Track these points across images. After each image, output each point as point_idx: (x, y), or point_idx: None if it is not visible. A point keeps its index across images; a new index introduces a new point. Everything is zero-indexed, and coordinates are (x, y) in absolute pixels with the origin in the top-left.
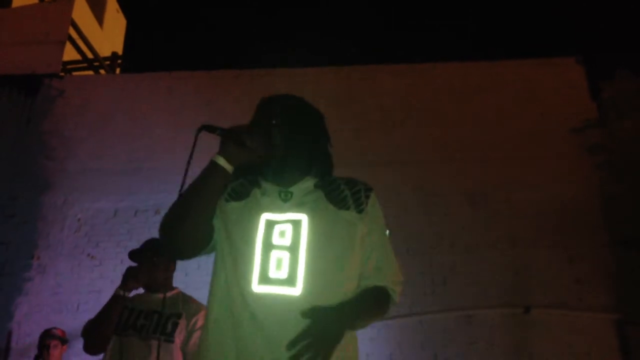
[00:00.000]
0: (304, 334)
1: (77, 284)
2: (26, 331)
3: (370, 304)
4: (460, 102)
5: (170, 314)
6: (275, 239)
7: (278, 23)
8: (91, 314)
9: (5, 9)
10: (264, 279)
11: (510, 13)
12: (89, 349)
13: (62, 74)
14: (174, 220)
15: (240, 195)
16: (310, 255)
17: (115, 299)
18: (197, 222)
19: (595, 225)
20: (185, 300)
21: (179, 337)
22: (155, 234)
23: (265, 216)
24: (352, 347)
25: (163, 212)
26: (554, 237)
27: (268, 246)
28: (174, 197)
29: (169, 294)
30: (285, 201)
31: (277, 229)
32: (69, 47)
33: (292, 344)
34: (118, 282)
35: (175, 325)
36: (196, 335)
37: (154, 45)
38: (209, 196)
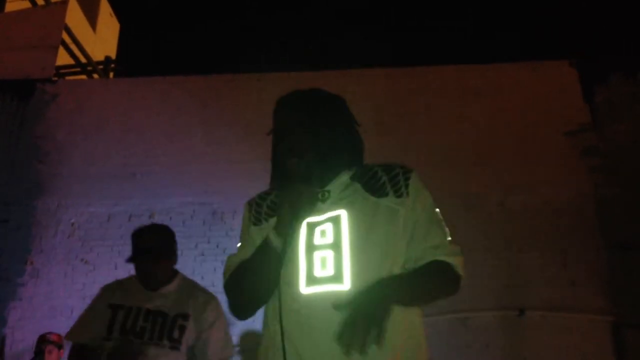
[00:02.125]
0: (346, 322)
1: (71, 289)
2: (20, 336)
3: (419, 274)
4: (455, 106)
5: (176, 314)
6: (317, 240)
7: (272, 27)
8: None
9: None
10: (311, 279)
11: (504, 17)
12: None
13: (55, 78)
14: (238, 287)
15: (276, 209)
16: (354, 249)
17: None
18: (260, 293)
19: (590, 228)
20: (190, 292)
21: (186, 343)
22: None
23: (306, 220)
24: (417, 324)
25: (157, 216)
26: (548, 239)
27: (310, 248)
28: (167, 201)
29: (171, 288)
30: (324, 201)
31: (317, 230)
32: (62, 51)
33: (338, 337)
34: None
35: (183, 329)
36: (207, 335)
37: (147, 50)
38: (267, 271)
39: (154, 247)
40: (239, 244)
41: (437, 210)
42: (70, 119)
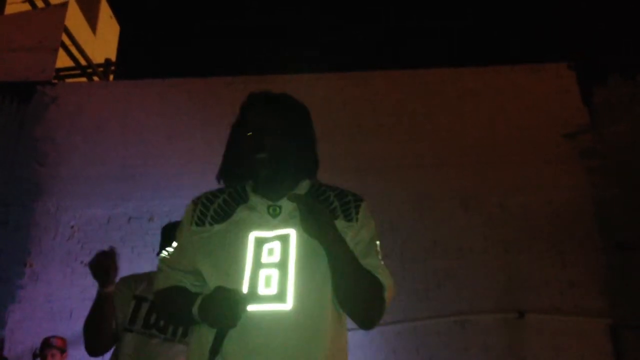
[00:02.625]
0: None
1: (70, 291)
2: (19, 339)
3: (361, 266)
4: (453, 108)
5: None
6: (265, 258)
7: (271, 30)
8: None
9: None
10: (254, 297)
11: (502, 19)
12: (89, 348)
13: (55, 80)
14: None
15: (223, 215)
16: (299, 270)
17: (100, 298)
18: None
19: (589, 230)
20: None
21: None
22: (149, 240)
23: (254, 234)
24: (343, 340)
25: (156, 219)
26: (547, 241)
27: (257, 266)
28: (167, 203)
29: None
30: (275, 217)
31: (265, 247)
32: (62, 54)
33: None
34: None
35: None
36: None
37: (147, 52)
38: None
39: None
40: (174, 244)
41: (378, 242)
42: (70, 121)
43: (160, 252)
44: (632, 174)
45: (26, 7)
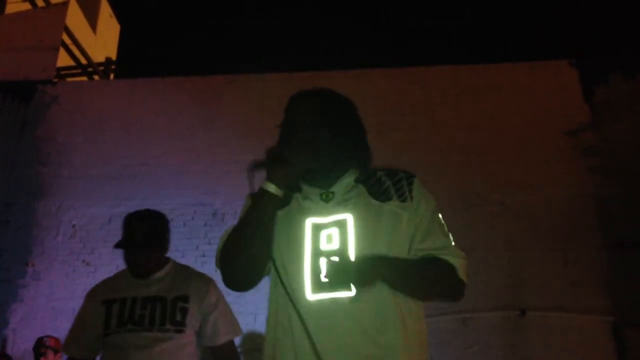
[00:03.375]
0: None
1: (72, 290)
2: (21, 338)
3: (420, 262)
4: (454, 106)
5: (175, 297)
6: (323, 245)
7: (272, 27)
8: None
9: None
10: (317, 285)
11: (503, 16)
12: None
13: (55, 80)
14: (231, 253)
15: (282, 202)
16: (359, 255)
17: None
18: (254, 254)
19: (590, 228)
20: (187, 275)
21: (191, 326)
22: None
23: (310, 220)
24: (417, 324)
25: None
26: (549, 239)
27: (317, 253)
28: (168, 202)
29: (163, 273)
30: (328, 202)
31: (323, 234)
32: (62, 53)
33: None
34: None
35: (185, 311)
36: (215, 317)
37: (147, 51)
38: (263, 226)
39: (144, 235)
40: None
41: (440, 215)
42: (71, 121)
43: (120, 244)
44: (634, 172)
45: (27, 6)
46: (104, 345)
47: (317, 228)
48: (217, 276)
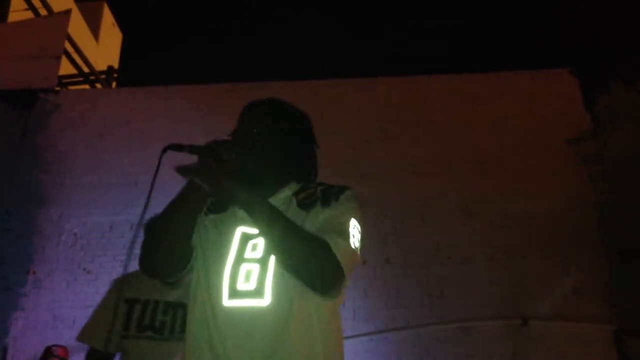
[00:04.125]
0: None
1: (73, 298)
2: (22, 347)
3: (294, 225)
4: (455, 114)
5: None
6: (247, 253)
7: (272, 35)
8: None
9: (1, 24)
10: (233, 292)
11: (504, 25)
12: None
13: (58, 88)
14: (151, 240)
15: (219, 208)
16: (278, 265)
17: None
18: (175, 242)
19: (592, 236)
20: None
21: None
22: None
23: (241, 229)
24: (330, 339)
25: None
26: (550, 247)
27: (239, 260)
28: None
29: (187, 278)
30: None
31: (250, 243)
32: (64, 61)
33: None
34: None
35: None
36: None
37: (149, 59)
38: (186, 215)
39: None
40: None
41: (355, 223)
42: (73, 129)
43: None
44: (635, 179)
45: (29, 14)
46: (123, 345)
47: (245, 237)
48: None
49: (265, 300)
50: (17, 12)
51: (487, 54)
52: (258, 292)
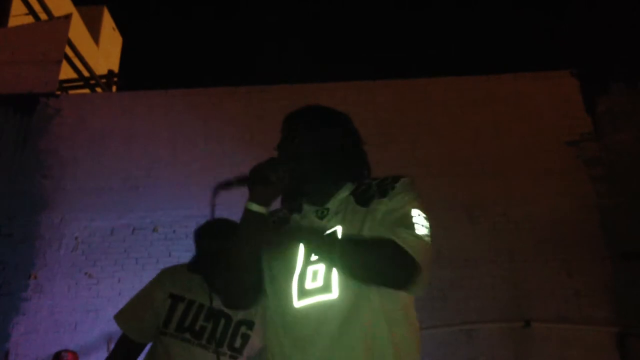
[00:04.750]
0: None
1: (75, 303)
2: (23, 351)
3: (361, 240)
4: (456, 117)
5: (240, 320)
6: (313, 257)
7: (273, 40)
8: (88, 334)
9: (2, 29)
10: (302, 292)
11: (504, 27)
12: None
13: (58, 92)
14: (230, 278)
15: (281, 223)
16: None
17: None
18: (251, 274)
19: (593, 238)
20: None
21: (246, 356)
22: (152, 251)
23: None
24: (401, 330)
25: (160, 229)
26: (552, 250)
27: (306, 264)
28: (170, 214)
29: None
30: (322, 218)
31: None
32: (65, 65)
33: None
34: (116, 301)
35: (246, 339)
36: None
37: (149, 63)
38: (251, 244)
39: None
40: None
41: (418, 212)
42: (74, 133)
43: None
44: (636, 181)
45: (29, 19)
46: (157, 340)
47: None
48: None
49: (334, 294)
50: (18, 16)
51: (488, 57)
52: (326, 288)
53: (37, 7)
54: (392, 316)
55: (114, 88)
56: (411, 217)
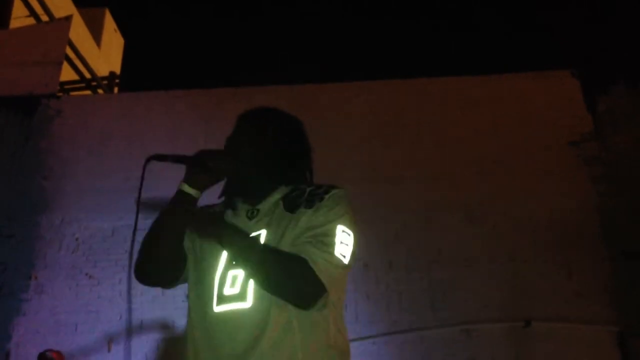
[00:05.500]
0: None
1: (75, 304)
2: (24, 352)
3: (269, 249)
4: (456, 117)
5: None
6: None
7: (273, 40)
8: (89, 334)
9: (3, 31)
10: (221, 298)
11: (504, 27)
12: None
13: (59, 94)
14: (143, 249)
15: (215, 216)
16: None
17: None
18: (165, 251)
19: (594, 238)
20: None
21: None
22: None
23: None
24: (316, 338)
25: None
26: (552, 250)
27: (227, 267)
28: None
29: None
30: (251, 219)
31: None
32: (66, 67)
33: None
34: (116, 301)
35: None
36: None
37: (151, 65)
38: (176, 224)
39: None
40: None
41: (343, 228)
42: (75, 134)
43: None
44: (637, 181)
45: (30, 21)
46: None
47: None
48: None
49: (248, 303)
50: (19, 18)
51: (488, 57)
52: (242, 296)
53: (38, 9)
54: (308, 330)
55: (115, 89)
56: (332, 235)
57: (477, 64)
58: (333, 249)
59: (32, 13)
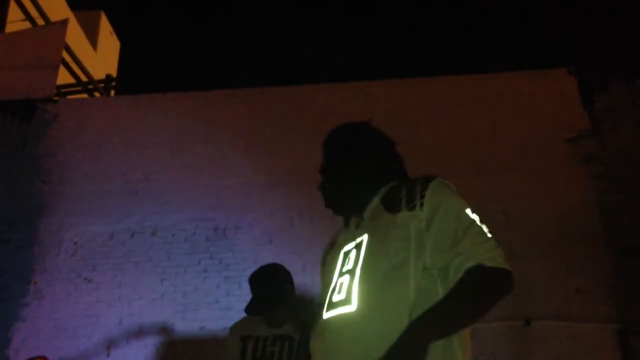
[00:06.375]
0: None
1: (74, 308)
2: (23, 357)
3: (449, 298)
4: (454, 116)
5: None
6: (345, 267)
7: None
8: (88, 339)
9: None
10: (330, 305)
11: (502, 26)
12: None
13: (56, 97)
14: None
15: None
16: (363, 272)
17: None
18: None
19: (594, 235)
20: (300, 310)
21: None
22: (152, 255)
23: (344, 250)
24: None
25: (160, 233)
26: (552, 248)
27: (338, 275)
28: (170, 218)
29: (293, 323)
30: (357, 227)
31: (348, 257)
32: (63, 70)
33: None
34: (115, 305)
35: None
36: None
37: (147, 67)
38: None
39: (266, 296)
40: None
41: (466, 212)
42: (72, 138)
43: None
44: (636, 178)
45: (26, 24)
46: None
47: (345, 255)
48: (219, 291)
49: (352, 306)
50: (15, 22)
51: (486, 55)
52: (347, 300)
53: (34, 13)
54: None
55: (112, 92)
56: (466, 223)
57: (475, 63)
58: (478, 234)
59: (28, 17)
